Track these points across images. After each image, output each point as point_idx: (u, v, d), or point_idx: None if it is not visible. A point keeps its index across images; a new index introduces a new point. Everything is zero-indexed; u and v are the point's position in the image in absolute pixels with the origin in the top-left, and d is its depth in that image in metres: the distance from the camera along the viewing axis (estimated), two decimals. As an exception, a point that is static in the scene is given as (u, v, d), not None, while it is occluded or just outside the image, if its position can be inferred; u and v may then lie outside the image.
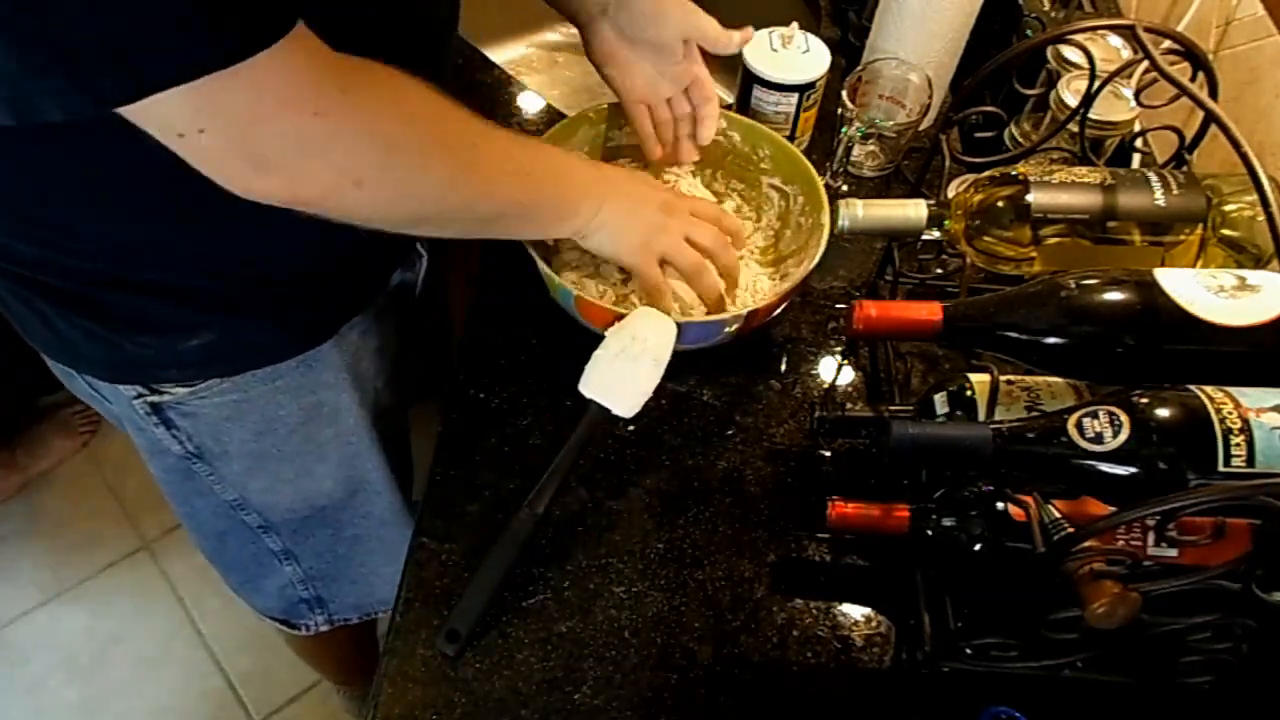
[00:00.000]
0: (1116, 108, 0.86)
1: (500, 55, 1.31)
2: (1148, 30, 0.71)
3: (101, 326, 0.73)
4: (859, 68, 0.97)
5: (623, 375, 0.74)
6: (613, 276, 0.85)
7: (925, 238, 0.75)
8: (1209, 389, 0.56)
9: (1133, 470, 0.54)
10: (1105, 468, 0.55)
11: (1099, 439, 0.55)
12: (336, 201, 0.60)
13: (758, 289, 0.87)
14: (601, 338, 0.77)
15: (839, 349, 0.89)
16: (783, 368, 0.86)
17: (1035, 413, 0.66)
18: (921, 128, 0.98)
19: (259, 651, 1.65)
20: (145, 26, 0.46)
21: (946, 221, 0.72)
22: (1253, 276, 0.61)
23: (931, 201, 0.73)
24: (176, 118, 0.51)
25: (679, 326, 0.76)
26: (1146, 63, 0.71)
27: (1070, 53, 0.92)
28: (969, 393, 0.68)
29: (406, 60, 0.61)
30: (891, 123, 0.95)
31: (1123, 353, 0.61)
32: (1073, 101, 0.84)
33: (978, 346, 0.69)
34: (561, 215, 0.76)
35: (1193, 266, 0.69)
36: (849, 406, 0.74)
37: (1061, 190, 0.69)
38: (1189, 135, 0.78)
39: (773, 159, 0.91)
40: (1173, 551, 0.62)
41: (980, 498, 0.65)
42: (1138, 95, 0.79)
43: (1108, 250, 0.70)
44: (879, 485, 0.78)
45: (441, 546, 0.74)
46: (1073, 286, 0.62)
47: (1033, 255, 0.70)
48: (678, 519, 0.77)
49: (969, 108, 0.84)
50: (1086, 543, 0.55)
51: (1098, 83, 0.77)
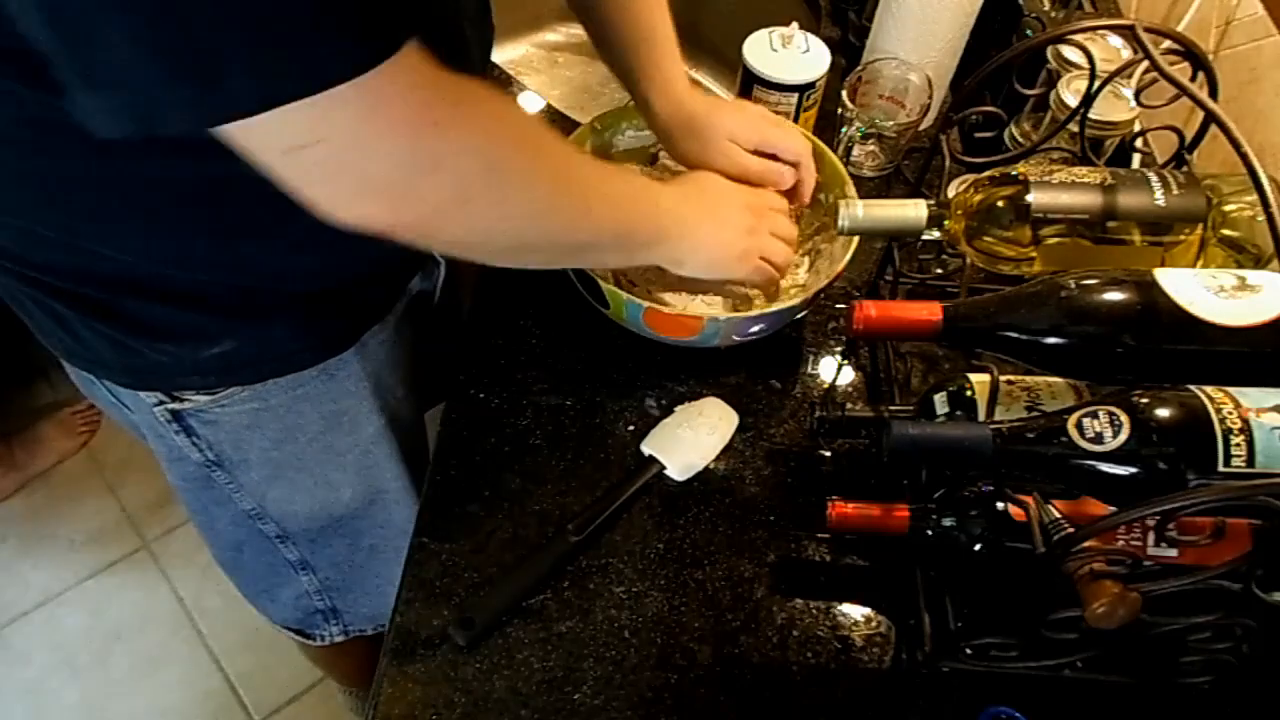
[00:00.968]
0: (1116, 108, 0.86)
1: (500, 55, 1.31)
2: (1148, 30, 0.71)
3: (125, 333, 0.72)
4: (859, 68, 0.97)
5: (682, 442, 0.80)
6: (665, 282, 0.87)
7: (925, 238, 0.75)
8: (1209, 389, 0.56)
9: (1133, 470, 0.54)
10: (1105, 468, 0.55)
11: (1099, 439, 0.55)
12: (440, 224, 0.58)
13: (797, 281, 0.88)
14: (667, 345, 0.83)
15: (839, 349, 0.89)
16: (783, 368, 0.86)
17: (1035, 413, 0.66)
18: (921, 128, 0.98)
19: (259, 651, 1.65)
20: (281, 34, 0.45)
21: (946, 221, 0.72)
22: (1253, 276, 0.61)
23: (931, 201, 0.73)
24: (288, 132, 0.49)
25: (762, 317, 0.79)
26: (1146, 63, 0.70)
27: (1070, 53, 0.92)
28: (969, 393, 0.68)
29: None
30: (891, 123, 0.95)
31: (1123, 353, 0.61)
32: (1073, 101, 0.84)
33: (978, 346, 0.69)
34: (651, 241, 0.75)
35: (1193, 266, 0.69)
36: (849, 406, 0.74)
37: (1061, 190, 0.69)
38: (1189, 135, 0.78)
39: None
40: (1173, 551, 0.62)
41: (980, 498, 0.65)
42: (1138, 95, 0.79)
43: (1108, 250, 0.70)
44: (879, 485, 0.79)
45: (441, 546, 0.74)
46: (1073, 286, 0.62)
47: (1033, 255, 0.70)
48: (678, 519, 0.77)
49: (969, 108, 0.84)
50: (1086, 543, 0.55)
51: (1098, 83, 0.77)
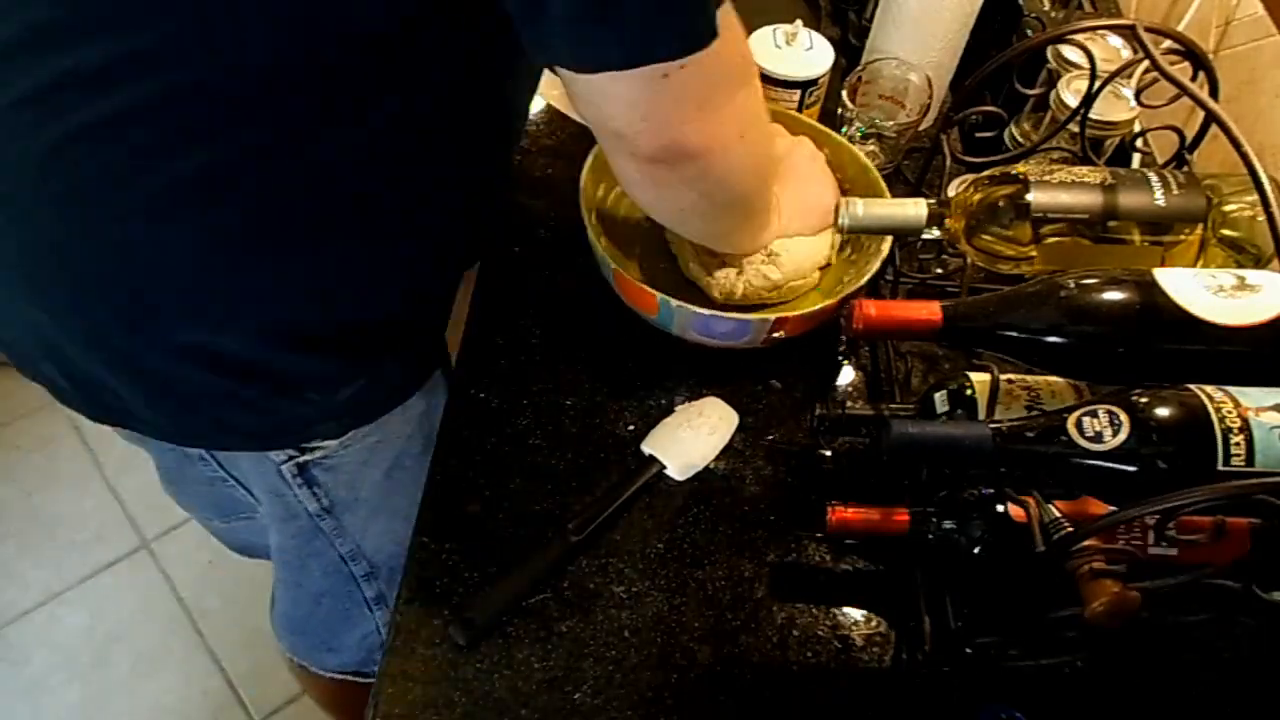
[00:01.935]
0: (1117, 108, 0.86)
1: (500, 55, 1.30)
2: (1148, 30, 0.71)
3: (263, 392, 0.72)
4: (859, 68, 0.97)
5: (682, 442, 0.80)
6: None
7: (925, 237, 0.75)
8: (1209, 388, 0.56)
9: (1132, 469, 0.54)
10: (1105, 466, 0.55)
11: (1099, 438, 0.55)
12: (722, 157, 0.64)
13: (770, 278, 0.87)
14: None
15: (839, 348, 0.89)
16: (783, 368, 0.86)
17: (1035, 412, 0.66)
18: (921, 128, 0.98)
19: (259, 651, 1.65)
20: None
21: (947, 220, 0.72)
22: (1252, 276, 0.61)
23: (932, 200, 0.73)
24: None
25: (758, 322, 0.79)
26: (1147, 63, 0.71)
27: (1070, 53, 0.92)
28: (969, 392, 0.68)
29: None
30: (891, 123, 0.95)
31: (1123, 352, 0.61)
32: (1073, 101, 0.84)
33: (977, 346, 0.69)
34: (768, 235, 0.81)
35: (1193, 266, 0.69)
36: (849, 405, 0.74)
37: (1061, 190, 0.69)
38: (1189, 135, 0.78)
39: (853, 180, 0.89)
40: (1173, 551, 0.62)
41: (980, 500, 0.65)
42: (1138, 95, 0.79)
43: (1108, 250, 0.70)
44: (879, 485, 0.78)
45: (441, 546, 0.74)
46: (1072, 286, 0.62)
47: (1032, 254, 0.70)
48: (678, 519, 0.77)
49: (969, 108, 0.84)
50: (1086, 541, 0.55)
51: (1098, 83, 0.77)
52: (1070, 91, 0.88)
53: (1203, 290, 0.60)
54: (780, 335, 0.80)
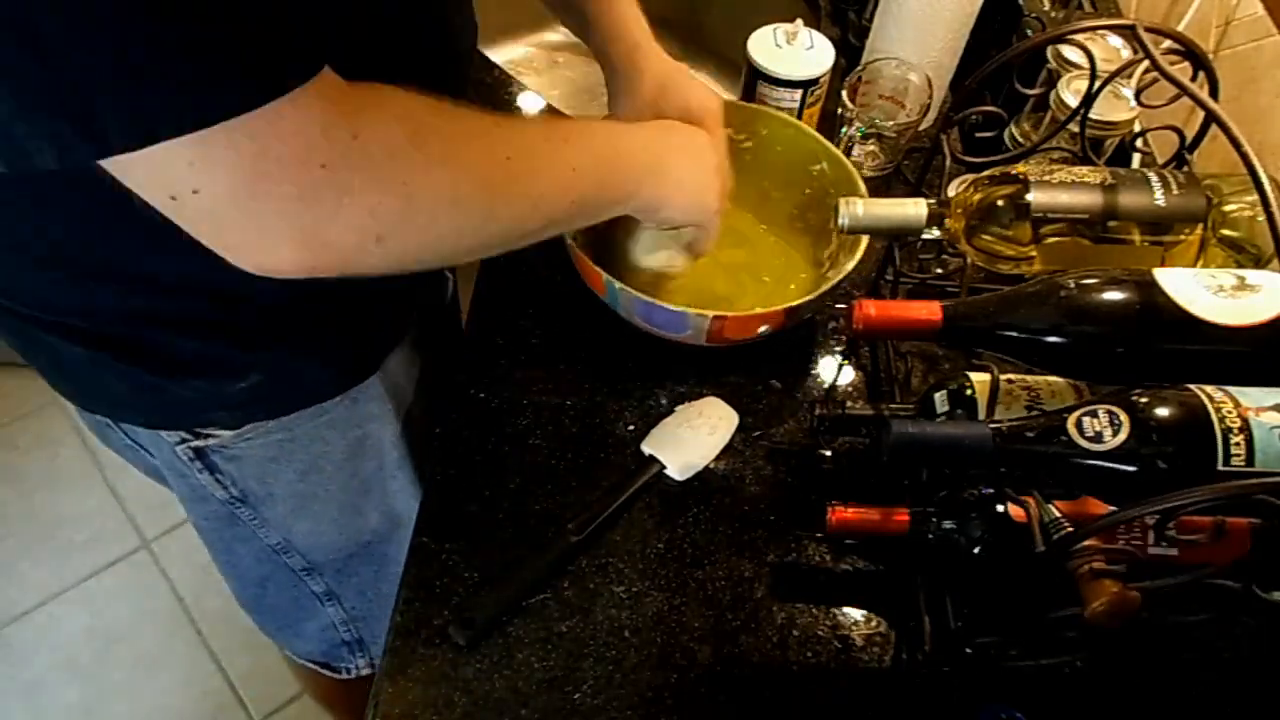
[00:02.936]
0: (1116, 108, 0.86)
1: (500, 55, 1.31)
2: (1148, 30, 0.71)
3: (146, 371, 0.70)
4: (859, 68, 0.97)
5: (682, 442, 0.80)
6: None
7: (925, 237, 0.75)
8: (1209, 388, 0.56)
9: (1132, 469, 0.54)
10: (1105, 466, 0.55)
11: (1099, 438, 0.55)
12: (358, 263, 0.53)
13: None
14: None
15: (839, 348, 0.89)
16: (783, 368, 0.86)
17: (1035, 412, 0.66)
18: (921, 128, 0.98)
19: (259, 651, 1.64)
20: (161, 62, 0.42)
21: (947, 220, 0.72)
22: (1252, 276, 0.61)
23: (932, 201, 0.73)
24: (170, 174, 0.46)
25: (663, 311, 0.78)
26: (1147, 63, 0.70)
27: (1070, 53, 0.92)
28: (969, 392, 0.68)
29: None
30: (891, 123, 0.95)
31: (1122, 352, 0.61)
32: (1073, 101, 0.84)
33: (977, 346, 0.69)
34: (619, 199, 0.70)
35: (1193, 266, 0.69)
36: (849, 405, 0.74)
37: (1061, 190, 0.69)
38: (1189, 135, 0.78)
39: (827, 174, 0.89)
40: (1173, 551, 0.62)
41: (980, 501, 0.65)
42: (1138, 95, 0.79)
43: (1108, 250, 0.70)
44: (879, 485, 0.78)
45: (441, 546, 0.74)
46: (1072, 286, 0.62)
47: (1032, 254, 0.70)
48: (678, 519, 0.77)
49: (969, 108, 0.84)
50: (1086, 542, 0.55)
51: (1098, 83, 0.77)
52: (1070, 91, 0.88)
53: (1203, 290, 0.60)
54: (729, 336, 0.80)
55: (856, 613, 0.73)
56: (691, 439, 0.80)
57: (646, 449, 0.80)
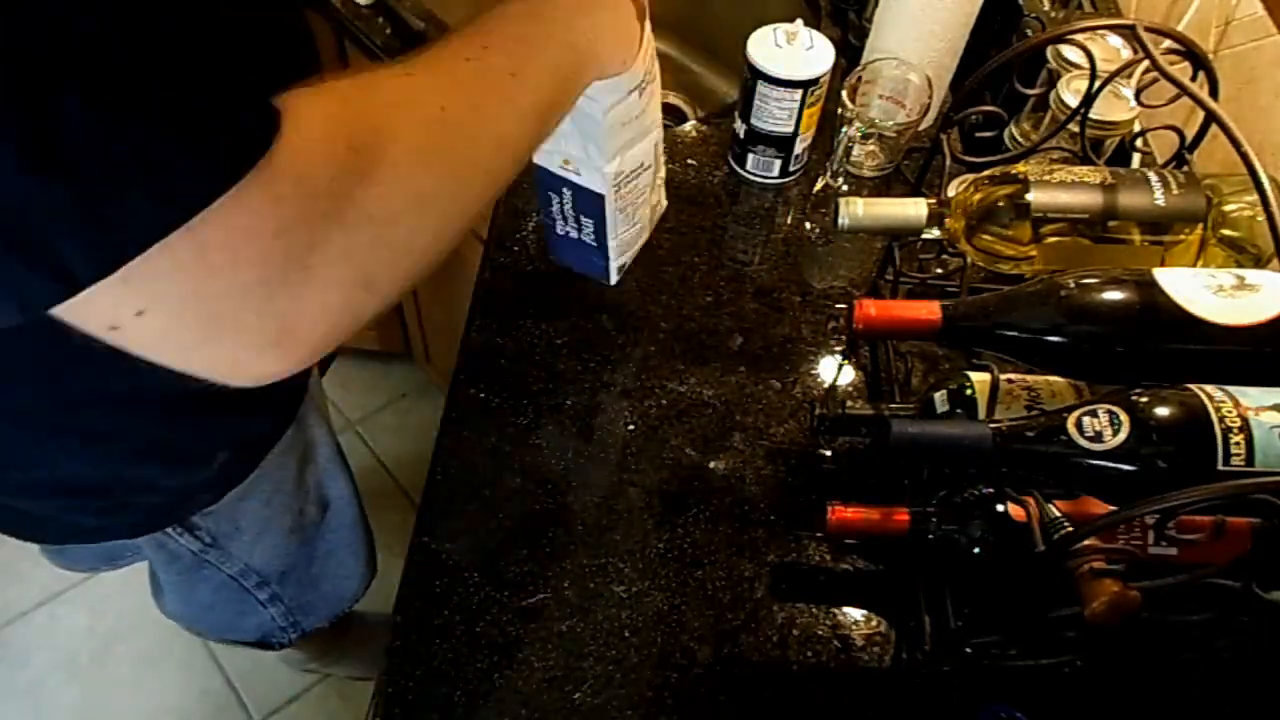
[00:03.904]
0: (1116, 108, 0.86)
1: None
2: (1148, 30, 0.71)
3: (135, 495, 0.74)
4: (859, 68, 0.97)
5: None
6: None
7: (925, 237, 0.75)
8: (1208, 388, 0.56)
9: (1132, 469, 0.54)
10: (1105, 466, 0.55)
11: (1098, 438, 0.55)
12: (351, 328, 0.45)
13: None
14: None
15: (839, 348, 0.89)
16: (783, 368, 0.86)
17: (1035, 412, 0.66)
18: (921, 128, 0.98)
19: (259, 651, 1.64)
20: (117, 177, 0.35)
21: (946, 220, 0.72)
22: (1252, 276, 0.61)
23: (932, 201, 0.73)
24: (104, 302, 0.38)
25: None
26: (1147, 62, 0.70)
27: (1070, 53, 0.92)
28: (969, 391, 0.68)
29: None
30: (891, 123, 0.95)
31: (1122, 352, 0.61)
32: (1073, 101, 0.84)
33: (977, 346, 0.69)
34: (579, 83, 0.61)
35: (1193, 266, 0.69)
36: (849, 405, 0.74)
37: (1061, 189, 0.69)
38: (1189, 135, 0.78)
39: None
40: (1173, 550, 0.62)
41: (980, 500, 0.65)
42: (1138, 95, 0.79)
43: (1107, 249, 0.70)
44: (879, 485, 0.78)
45: (442, 546, 0.74)
46: (1072, 286, 0.62)
47: (1032, 254, 0.70)
48: (678, 519, 0.77)
49: (969, 108, 0.84)
50: (1086, 541, 0.55)
51: (1098, 83, 0.77)
52: (1070, 91, 0.88)
53: (1203, 290, 0.60)
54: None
55: (856, 613, 0.73)
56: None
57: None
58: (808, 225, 0.98)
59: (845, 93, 0.94)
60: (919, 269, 0.89)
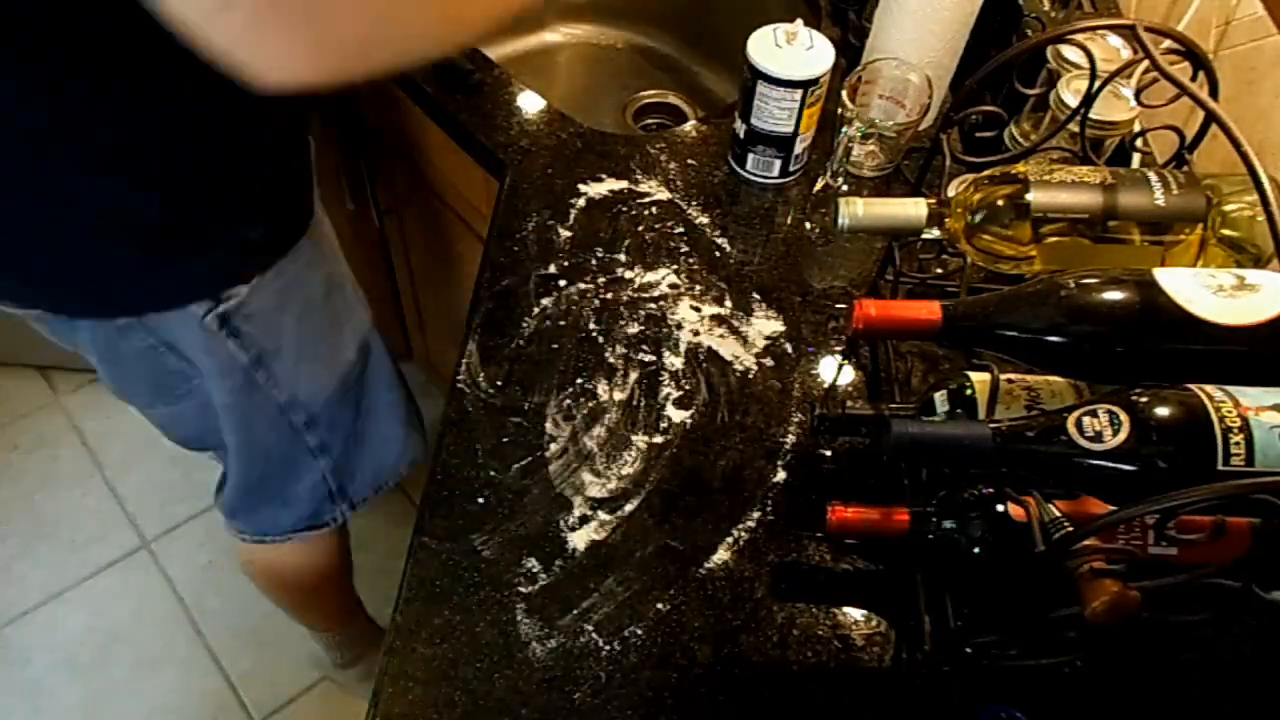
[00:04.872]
0: (1116, 108, 0.86)
1: (500, 55, 1.31)
2: (1148, 30, 0.71)
3: (174, 247, 0.79)
4: (859, 68, 0.97)
5: None
6: None
7: (925, 237, 0.75)
8: (1208, 388, 0.56)
9: (1132, 469, 0.54)
10: (1105, 466, 0.55)
11: (1098, 438, 0.55)
12: (375, 59, 0.50)
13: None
14: None
15: (839, 348, 0.89)
16: (783, 368, 0.86)
17: (1035, 412, 0.66)
18: (921, 128, 0.98)
19: (259, 651, 1.65)
20: None
21: (946, 220, 0.72)
22: (1252, 276, 0.61)
23: (932, 201, 0.73)
24: None
25: None
26: (1146, 63, 0.70)
27: (1070, 53, 0.92)
28: (969, 391, 0.68)
29: None
30: (891, 123, 0.95)
31: (1122, 352, 0.61)
32: (1073, 101, 0.84)
33: (977, 346, 0.69)
34: None
35: (1193, 266, 0.69)
36: (849, 405, 0.74)
37: (1061, 189, 0.69)
38: (1189, 135, 0.78)
39: None
40: (1173, 550, 0.62)
41: (980, 500, 0.65)
42: (1138, 95, 0.79)
43: (1107, 249, 0.70)
44: (879, 485, 0.78)
45: (442, 546, 0.74)
46: (1072, 286, 0.62)
47: (1032, 254, 0.70)
48: (677, 519, 0.77)
49: (969, 108, 0.84)
50: (1086, 541, 0.55)
51: (1098, 83, 0.77)
52: (1070, 91, 0.88)
53: (1203, 290, 0.60)
54: None
55: (856, 612, 0.73)
56: None
57: None
58: (808, 225, 0.98)
59: (845, 93, 0.94)
60: (919, 269, 0.89)
